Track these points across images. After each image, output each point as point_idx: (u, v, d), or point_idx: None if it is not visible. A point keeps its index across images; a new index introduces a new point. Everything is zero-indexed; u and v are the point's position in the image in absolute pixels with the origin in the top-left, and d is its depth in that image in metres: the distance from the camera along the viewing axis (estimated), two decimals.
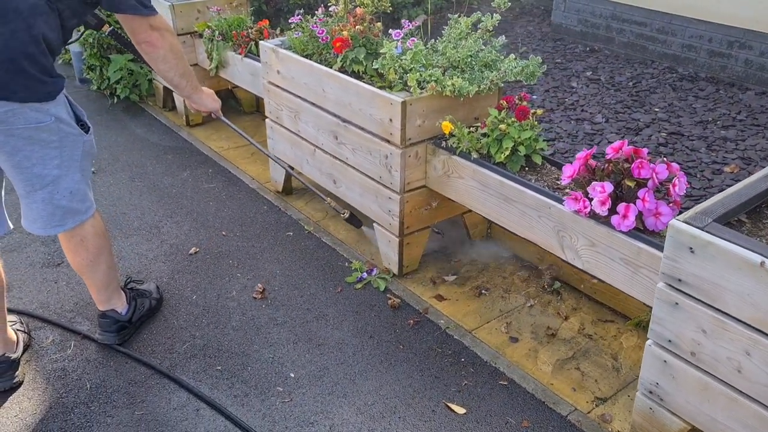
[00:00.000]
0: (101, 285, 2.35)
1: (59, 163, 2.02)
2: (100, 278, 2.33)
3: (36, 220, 2.10)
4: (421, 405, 2.20)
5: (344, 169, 2.89)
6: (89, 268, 2.28)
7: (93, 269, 2.29)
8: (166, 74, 2.23)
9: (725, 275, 1.63)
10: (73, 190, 2.10)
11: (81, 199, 2.14)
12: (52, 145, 1.98)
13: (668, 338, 1.81)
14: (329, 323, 2.56)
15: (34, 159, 1.97)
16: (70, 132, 2.03)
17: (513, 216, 2.36)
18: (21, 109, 1.88)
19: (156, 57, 2.14)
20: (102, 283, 2.35)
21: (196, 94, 2.46)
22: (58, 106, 1.97)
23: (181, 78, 2.29)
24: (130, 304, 2.47)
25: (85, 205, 2.17)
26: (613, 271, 2.07)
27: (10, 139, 1.91)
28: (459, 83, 2.44)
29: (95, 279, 2.32)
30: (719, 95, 3.89)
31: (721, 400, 1.74)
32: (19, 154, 1.94)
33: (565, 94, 3.97)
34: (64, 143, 2.01)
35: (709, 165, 3.14)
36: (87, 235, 2.21)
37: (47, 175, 2.01)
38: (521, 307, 2.66)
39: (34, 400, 2.20)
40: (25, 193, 2.05)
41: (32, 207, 2.07)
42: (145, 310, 2.54)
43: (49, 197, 2.05)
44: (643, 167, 1.98)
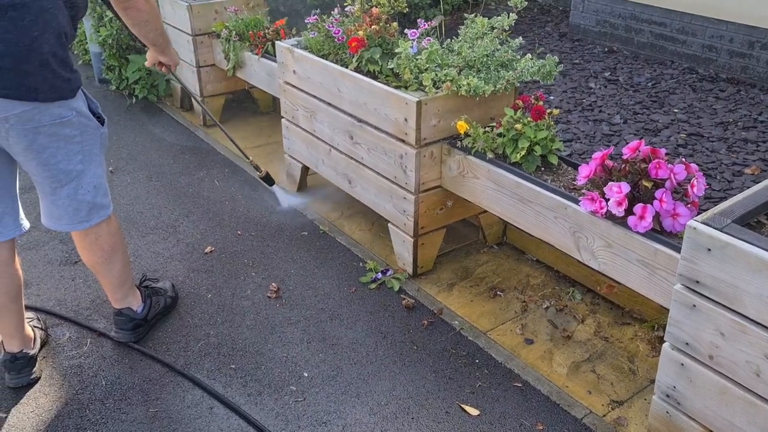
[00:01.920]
0: (116, 283, 2.36)
1: (82, 158, 2.04)
2: (115, 276, 2.33)
3: (62, 217, 2.10)
4: (434, 406, 2.18)
5: (359, 169, 2.89)
6: (104, 266, 2.28)
7: (108, 267, 2.29)
8: (147, 35, 2.28)
9: (744, 277, 1.60)
10: (96, 184, 2.11)
11: (104, 193, 2.16)
12: (75, 140, 2.00)
13: (685, 341, 1.78)
14: (343, 323, 2.56)
15: (59, 155, 1.98)
16: (89, 125, 2.04)
17: (528, 217, 2.34)
18: (46, 106, 1.90)
19: (140, 19, 2.17)
20: (117, 282, 2.35)
21: (168, 48, 2.51)
22: (78, 99, 1.99)
23: (158, 36, 2.34)
24: (145, 303, 2.48)
25: (107, 200, 2.18)
26: (630, 273, 2.05)
27: (38, 137, 1.92)
28: (474, 83, 2.43)
29: (110, 277, 2.33)
30: (740, 96, 3.84)
31: (740, 405, 1.71)
32: (45, 152, 1.96)
33: (583, 95, 3.94)
34: (84, 137, 2.03)
35: (729, 166, 3.09)
36: (101, 233, 2.21)
37: (72, 170, 2.03)
38: (536, 308, 2.64)
39: (50, 397, 2.22)
40: (50, 190, 2.05)
41: (57, 204, 2.07)
42: (160, 308, 2.55)
43: (73, 193, 2.06)
44: (660, 167, 1.95)
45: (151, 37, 2.33)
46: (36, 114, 1.89)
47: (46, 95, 1.88)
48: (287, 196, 3.41)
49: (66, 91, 1.92)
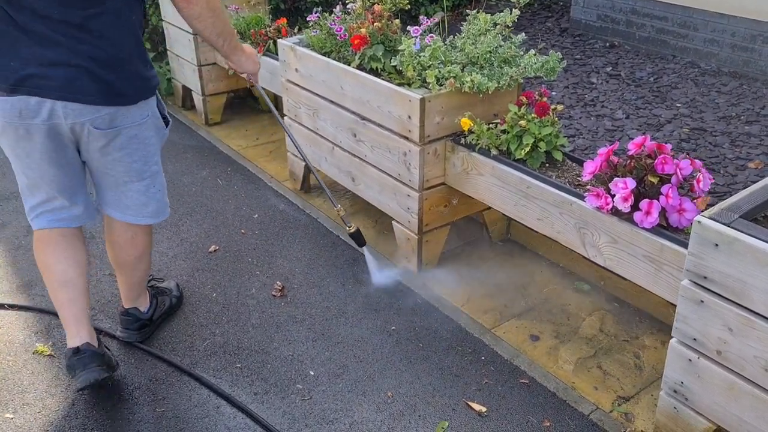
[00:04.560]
0: (136, 283, 2.35)
1: (157, 160, 2.08)
2: (138, 276, 2.33)
3: (128, 208, 2.13)
4: (440, 403, 2.18)
5: (363, 167, 2.89)
6: (131, 265, 2.28)
7: (135, 267, 2.29)
8: (203, 33, 2.09)
9: (752, 272, 1.60)
10: (163, 185, 2.17)
11: (165, 193, 2.20)
12: (151, 141, 2.02)
13: (693, 336, 1.78)
14: (348, 321, 2.56)
15: (136, 156, 2.01)
16: (160, 127, 2.05)
17: (533, 213, 2.34)
18: (127, 108, 1.91)
19: (191, 15, 1.99)
20: (136, 282, 2.35)
21: (234, 55, 2.28)
22: (154, 99, 2.00)
23: (218, 37, 2.13)
24: (152, 303, 2.47)
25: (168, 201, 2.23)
26: (636, 269, 2.05)
27: (117, 138, 1.94)
28: (478, 79, 2.42)
29: (133, 277, 2.32)
30: (742, 90, 3.83)
31: (748, 400, 1.71)
32: (122, 151, 1.98)
33: (585, 90, 3.93)
34: (156, 138, 2.05)
35: (732, 161, 3.09)
36: (140, 232, 2.22)
37: (146, 170, 2.06)
38: (542, 304, 2.64)
39: (57, 397, 2.22)
40: (122, 183, 2.07)
41: (127, 195, 2.10)
42: (165, 308, 2.54)
43: (145, 189, 2.10)
44: (666, 163, 1.95)
45: (207, 36, 2.10)
46: (118, 116, 1.90)
47: (130, 98, 1.89)
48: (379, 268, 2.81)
49: (146, 90, 1.94)
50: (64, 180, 2.02)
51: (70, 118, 1.86)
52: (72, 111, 1.85)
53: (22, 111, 1.83)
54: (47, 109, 1.83)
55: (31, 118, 1.85)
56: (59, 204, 2.07)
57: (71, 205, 2.08)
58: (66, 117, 1.85)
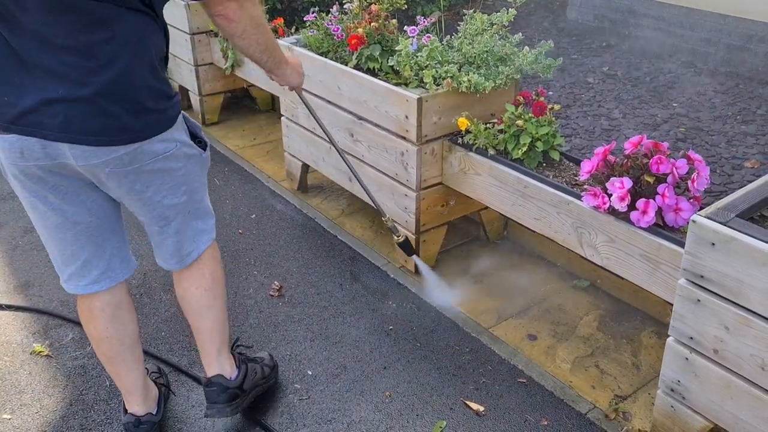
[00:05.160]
0: (215, 328, 2.02)
1: (186, 189, 1.82)
2: (214, 318, 2.00)
3: (173, 255, 1.90)
4: (438, 403, 2.19)
5: (360, 167, 2.89)
6: (204, 300, 1.97)
7: (210, 302, 1.98)
8: (246, 51, 1.88)
9: (749, 271, 1.60)
10: (201, 208, 1.90)
11: (204, 214, 1.93)
12: (179, 173, 1.77)
13: (690, 335, 1.79)
14: (346, 321, 2.56)
15: (164, 191, 1.77)
16: (192, 153, 1.81)
17: (531, 212, 2.35)
18: (148, 143, 1.66)
19: (233, 32, 1.77)
20: (215, 325, 2.02)
21: (279, 69, 2.06)
22: (178, 127, 1.75)
23: (262, 54, 1.91)
24: (240, 368, 2.11)
25: (212, 222, 1.96)
26: (633, 268, 2.05)
27: (141, 176, 1.70)
28: (475, 79, 2.43)
29: (209, 317, 2.00)
30: (739, 90, 3.84)
31: (745, 399, 1.72)
32: (149, 190, 1.74)
33: (582, 90, 3.94)
34: (187, 167, 1.80)
35: (729, 160, 3.10)
36: (203, 258, 1.95)
37: (177, 203, 1.81)
38: (539, 304, 2.65)
39: (54, 398, 2.22)
40: (158, 230, 1.84)
41: (167, 243, 1.87)
42: (258, 377, 2.17)
43: (182, 227, 1.86)
44: (662, 162, 1.95)
45: (250, 53, 1.89)
46: (136, 154, 1.65)
47: (144, 134, 1.64)
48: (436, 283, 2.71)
49: (164, 123, 1.69)
50: (86, 223, 1.77)
51: (81, 160, 1.60)
52: (81, 153, 1.59)
53: (24, 151, 1.58)
54: (52, 148, 1.58)
55: (36, 159, 1.60)
56: (83, 262, 1.82)
57: (99, 259, 1.84)
58: (76, 159, 1.60)
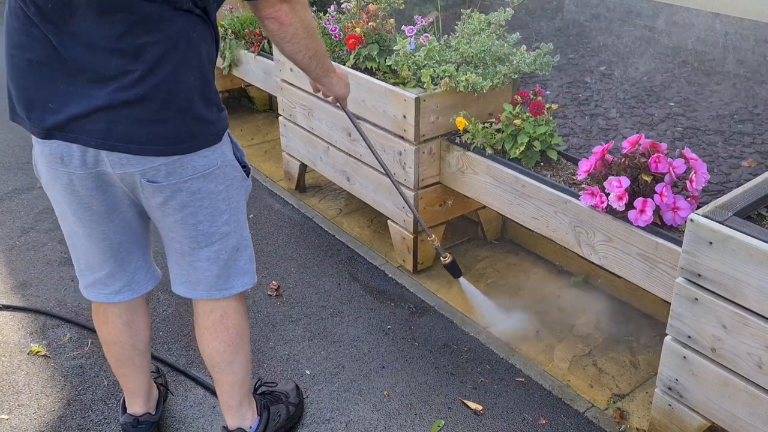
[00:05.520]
0: (236, 382, 1.89)
1: (228, 219, 1.69)
2: (235, 372, 1.87)
3: (199, 282, 1.75)
4: (437, 402, 2.19)
5: (358, 166, 2.89)
6: (226, 355, 1.84)
7: (231, 357, 1.85)
8: (294, 56, 1.77)
9: (746, 269, 1.61)
10: (241, 247, 1.76)
11: (249, 258, 1.79)
12: (220, 196, 1.65)
13: (688, 334, 1.79)
14: (344, 320, 2.56)
15: (201, 215, 1.64)
16: (235, 176, 1.68)
17: (528, 212, 2.35)
18: (189, 158, 1.55)
19: (283, 36, 1.67)
20: (238, 380, 1.89)
21: (327, 77, 1.97)
22: (224, 144, 1.63)
23: (311, 60, 1.81)
24: (261, 416, 1.98)
25: (253, 266, 1.82)
26: (631, 267, 2.06)
27: (178, 194, 1.59)
28: (473, 79, 2.43)
29: (230, 372, 1.87)
30: (735, 89, 3.85)
31: (742, 397, 1.72)
32: (184, 210, 1.62)
33: (579, 90, 3.94)
34: (230, 192, 1.67)
35: (726, 159, 3.10)
36: (230, 310, 1.81)
37: (215, 232, 1.68)
38: (537, 303, 2.65)
39: (52, 398, 2.22)
40: (188, 251, 1.70)
41: (195, 266, 1.73)
42: (282, 419, 2.04)
43: (215, 256, 1.71)
44: (660, 161, 1.96)
45: (298, 59, 1.78)
46: (175, 167, 1.55)
47: (187, 145, 1.53)
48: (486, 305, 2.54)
49: (210, 136, 1.57)
50: (114, 239, 1.71)
51: (118, 168, 1.54)
52: (119, 160, 1.52)
53: (63, 157, 1.53)
54: (91, 156, 1.52)
55: (75, 167, 1.54)
56: (107, 273, 1.77)
57: (123, 272, 1.79)
58: (113, 166, 1.53)
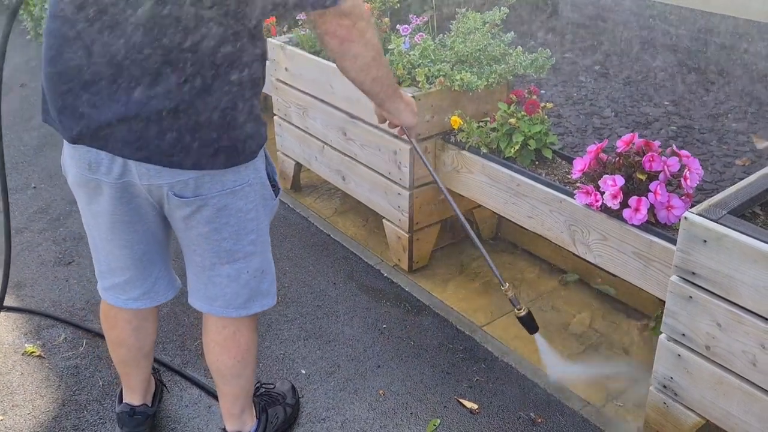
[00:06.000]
0: (240, 394, 1.88)
1: (255, 239, 1.63)
2: (242, 385, 1.86)
3: (217, 298, 1.71)
4: (432, 401, 2.19)
5: (353, 166, 2.89)
6: (235, 370, 1.82)
7: (239, 371, 1.83)
8: (355, 77, 1.62)
9: (740, 268, 1.61)
10: (265, 269, 1.72)
11: (271, 280, 1.76)
12: (249, 215, 1.58)
13: (682, 332, 1.80)
14: (340, 319, 2.56)
15: (225, 232, 1.57)
16: (265, 195, 1.61)
17: (524, 210, 2.35)
18: (221, 173, 1.48)
19: (343, 53, 1.54)
20: (241, 392, 1.88)
21: (392, 104, 1.80)
22: (258, 161, 1.55)
23: (373, 83, 1.65)
24: (260, 419, 1.96)
25: (274, 288, 1.78)
26: (626, 265, 2.06)
27: (204, 209, 1.53)
28: (468, 78, 2.43)
29: (237, 385, 1.86)
30: (730, 88, 3.87)
31: (737, 395, 1.73)
32: (209, 225, 1.56)
33: (574, 89, 3.95)
34: (259, 212, 1.60)
35: (720, 158, 3.11)
36: (243, 327, 1.78)
37: (239, 250, 1.62)
38: (532, 302, 2.65)
39: (47, 398, 2.21)
40: (209, 265, 1.65)
41: (215, 282, 1.68)
42: (278, 422, 2.03)
43: (236, 274, 1.66)
44: (654, 160, 1.96)
45: (360, 80, 1.63)
46: (204, 182, 1.48)
47: (221, 161, 1.45)
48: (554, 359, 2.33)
49: (245, 152, 1.48)
50: (137, 248, 1.67)
51: (145, 179, 1.49)
52: (147, 171, 1.47)
53: (92, 164, 1.50)
54: (119, 165, 1.48)
55: (102, 174, 1.51)
56: (127, 278, 1.74)
57: (143, 281, 1.76)
58: (140, 177, 1.49)
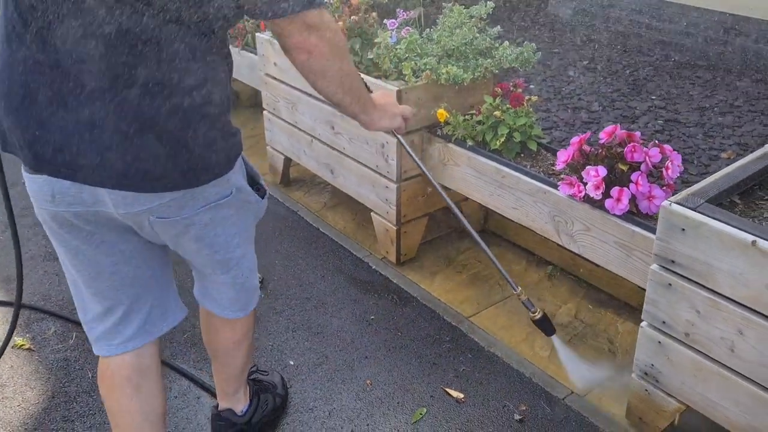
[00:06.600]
0: (234, 374, 1.91)
1: (239, 242, 1.62)
2: (237, 366, 1.89)
3: (215, 300, 1.76)
4: (419, 390, 2.21)
5: (341, 159, 2.91)
6: (229, 352, 1.84)
7: (233, 354, 1.84)
8: (326, 90, 1.53)
9: (718, 255, 1.64)
10: (252, 265, 1.74)
11: (256, 273, 1.79)
12: (230, 220, 1.56)
13: (662, 320, 1.82)
14: (328, 311, 2.58)
15: (216, 245, 1.57)
16: (248, 200, 1.59)
17: (508, 202, 2.38)
18: (201, 189, 1.42)
19: (312, 67, 1.44)
20: (236, 372, 1.90)
21: (365, 115, 1.72)
22: (236, 171, 1.51)
23: (345, 95, 1.57)
24: (251, 401, 2.01)
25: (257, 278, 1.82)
26: (608, 255, 2.09)
27: (191, 228, 1.49)
28: (454, 71, 2.45)
29: (231, 366, 1.88)
30: (717, 82, 3.90)
31: (715, 380, 1.76)
32: (199, 242, 1.54)
33: (562, 84, 3.97)
34: (240, 215, 1.59)
35: (705, 151, 3.14)
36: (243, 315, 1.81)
37: (231, 258, 1.63)
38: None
39: (37, 390, 2.23)
40: (206, 274, 1.70)
41: (216, 287, 1.73)
42: (268, 409, 2.07)
43: (232, 281, 1.69)
44: (635, 151, 1.99)
45: (332, 93, 1.54)
46: (186, 201, 1.42)
47: (197, 178, 1.39)
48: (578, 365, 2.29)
49: (221, 166, 1.43)
50: (125, 278, 1.58)
51: (122, 208, 1.38)
52: (122, 199, 1.36)
53: (56, 195, 1.37)
54: (89, 194, 1.36)
55: (68, 205, 1.38)
56: (120, 316, 1.62)
57: (137, 312, 1.64)
58: (116, 206, 1.38)
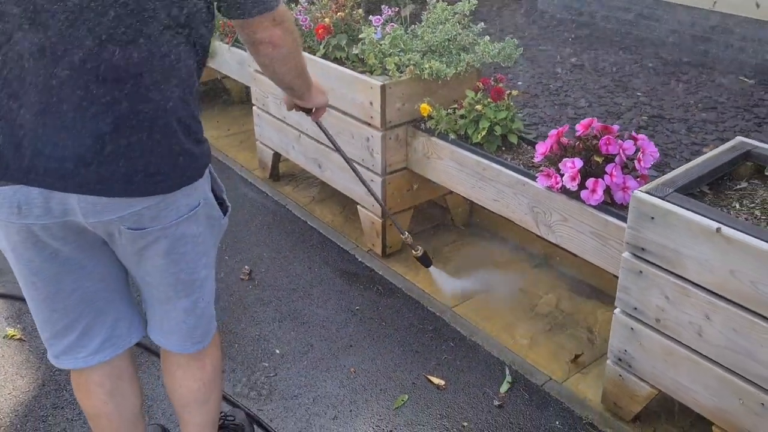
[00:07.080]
0: (207, 423, 1.70)
1: (206, 262, 1.50)
2: (209, 411, 1.69)
3: (173, 333, 1.56)
4: (401, 378, 2.26)
5: (328, 153, 2.96)
6: (201, 394, 1.65)
7: (206, 396, 1.66)
8: (284, 77, 1.59)
9: (685, 243, 1.69)
10: (212, 291, 1.58)
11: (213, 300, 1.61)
12: (199, 239, 1.45)
13: (634, 306, 1.88)
14: (314, 302, 2.63)
15: (182, 263, 1.45)
16: (213, 216, 1.49)
17: (489, 194, 2.43)
18: (172, 198, 1.34)
19: (274, 57, 1.50)
20: (209, 420, 1.70)
21: (309, 93, 1.79)
22: (204, 181, 1.43)
23: (296, 78, 1.64)
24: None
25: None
26: (584, 245, 2.14)
27: (162, 240, 1.38)
28: (437, 66, 2.50)
29: (204, 412, 1.68)
30: (701, 79, 3.95)
31: (685, 364, 1.81)
32: (166, 258, 1.42)
33: (550, 80, 4.03)
34: (205, 233, 1.47)
35: (688, 146, 3.20)
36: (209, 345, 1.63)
37: (195, 280, 1.49)
38: (501, 284, 2.73)
39: (27, 379, 2.27)
40: (165, 299, 1.51)
41: (171, 316, 1.54)
42: None
43: (192, 306, 1.52)
44: (610, 143, 2.04)
45: (288, 79, 1.62)
46: (159, 211, 1.34)
47: (171, 181, 1.32)
48: (445, 279, 2.69)
49: (193, 170, 1.37)
50: (88, 288, 1.47)
51: (92, 216, 1.31)
52: (92, 206, 1.29)
53: (22, 206, 1.29)
54: (57, 202, 1.28)
55: (36, 216, 1.30)
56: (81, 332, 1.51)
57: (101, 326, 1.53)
58: (86, 215, 1.30)
